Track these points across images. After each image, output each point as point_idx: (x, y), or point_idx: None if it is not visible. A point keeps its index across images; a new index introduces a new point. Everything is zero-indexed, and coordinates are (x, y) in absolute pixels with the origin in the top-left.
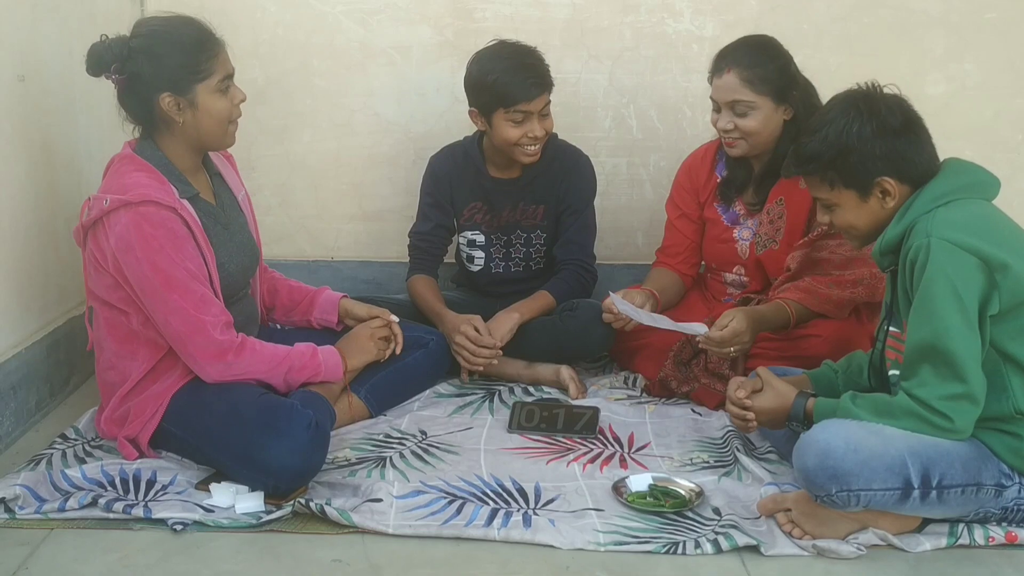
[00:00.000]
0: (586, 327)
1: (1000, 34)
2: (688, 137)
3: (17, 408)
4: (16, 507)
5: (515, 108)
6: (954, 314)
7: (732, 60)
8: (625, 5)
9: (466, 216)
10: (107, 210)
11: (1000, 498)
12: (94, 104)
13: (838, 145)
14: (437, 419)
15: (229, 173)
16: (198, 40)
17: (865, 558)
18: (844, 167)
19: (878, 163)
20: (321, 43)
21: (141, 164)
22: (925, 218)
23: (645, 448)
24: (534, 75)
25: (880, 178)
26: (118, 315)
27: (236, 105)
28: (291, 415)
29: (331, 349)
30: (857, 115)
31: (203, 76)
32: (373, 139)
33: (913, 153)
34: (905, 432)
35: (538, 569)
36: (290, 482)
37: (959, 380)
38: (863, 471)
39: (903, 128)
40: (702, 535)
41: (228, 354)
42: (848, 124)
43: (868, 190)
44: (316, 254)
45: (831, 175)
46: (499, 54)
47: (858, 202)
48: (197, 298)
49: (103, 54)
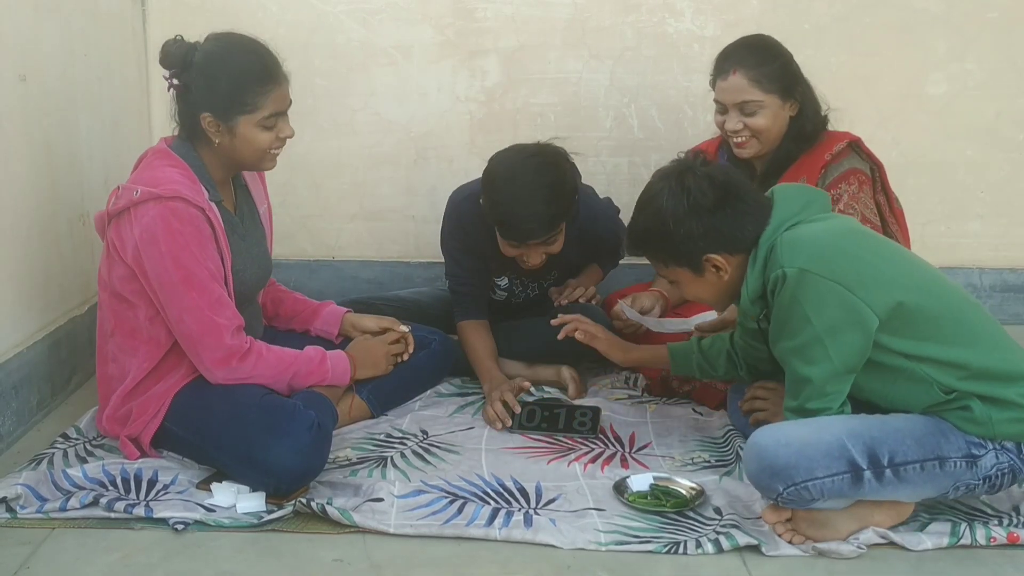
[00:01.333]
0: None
1: (1002, 33)
2: (689, 136)
3: (18, 407)
4: (17, 506)
5: (508, 242)
6: (802, 335)
7: (736, 61)
8: (626, 5)
9: (494, 269)
10: (136, 201)
11: (976, 468)
12: (95, 104)
13: (657, 227)
14: (438, 419)
15: (255, 185)
16: (255, 74)
17: (866, 557)
18: (669, 248)
19: (699, 242)
20: (322, 43)
21: (175, 160)
22: (774, 249)
23: (646, 448)
24: (529, 224)
25: (706, 256)
26: (126, 308)
27: (280, 139)
28: (293, 416)
29: (341, 355)
30: (671, 194)
31: (248, 110)
32: (374, 139)
33: (734, 227)
34: (845, 416)
35: (539, 569)
36: (292, 483)
37: (803, 388)
38: (800, 461)
39: (717, 204)
40: (703, 535)
41: (235, 359)
42: (662, 205)
43: (699, 267)
44: (317, 254)
45: (661, 255)
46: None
47: (694, 278)
48: (214, 299)
49: (171, 53)
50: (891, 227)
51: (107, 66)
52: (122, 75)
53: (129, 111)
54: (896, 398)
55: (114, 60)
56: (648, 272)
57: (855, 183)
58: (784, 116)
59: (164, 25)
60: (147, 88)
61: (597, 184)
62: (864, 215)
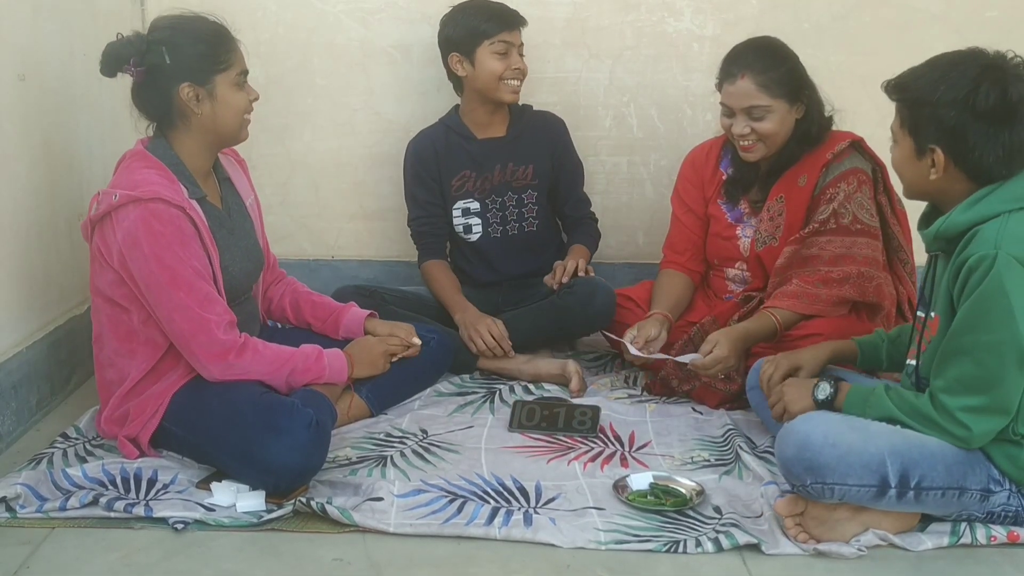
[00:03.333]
0: (586, 300)
1: (1002, 33)
2: (688, 136)
3: (18, 407)
4: (17, 506)
5: (498, 39)
6: (1003, 330)
7: (744, 65)
8: (625, 4)
9: (456, 186)
10: (116, 205)
11: (986, 503)
12: (94, 103)
13: (921, 91)
14: (438, 418)
15: (239, 178)
16: (216, 32)
17: (867, 557)
18: (915, 115)
19: (942, 133)
20: (322, 42)
21: (152, 162)
22: (995, 223)
23: (646, 447)
24: (509, 10)
25: (933, 146)
26: (119, 312)
27: (251, 101)
28: (292, 414)
29: (338, 353)
30: (959, 77)
31: (223, 67)
32: (374, 138)
33: (981, 142)
34: (891, 429)
35: (539, 568)
36: (291, 481)
37: (985, 392)
38: (839, 465)
39: (988, 114)
40: (703, 534)
41: (230, 354)
42: (944, 78)
43: (923, 150)
44: (317, 253)
45: (904, 112)
46: (470, 3)
47: (912, 154)
48: (202, 296)
49: (121, 50)
50: (893, 228)
51: None
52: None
53: (128, 111)
54: None
55: None
56: (648, 271)
57: (854, 182)
58: (791, 119)
59: None
60: None
61: (596, 183)
62: (856, 215)
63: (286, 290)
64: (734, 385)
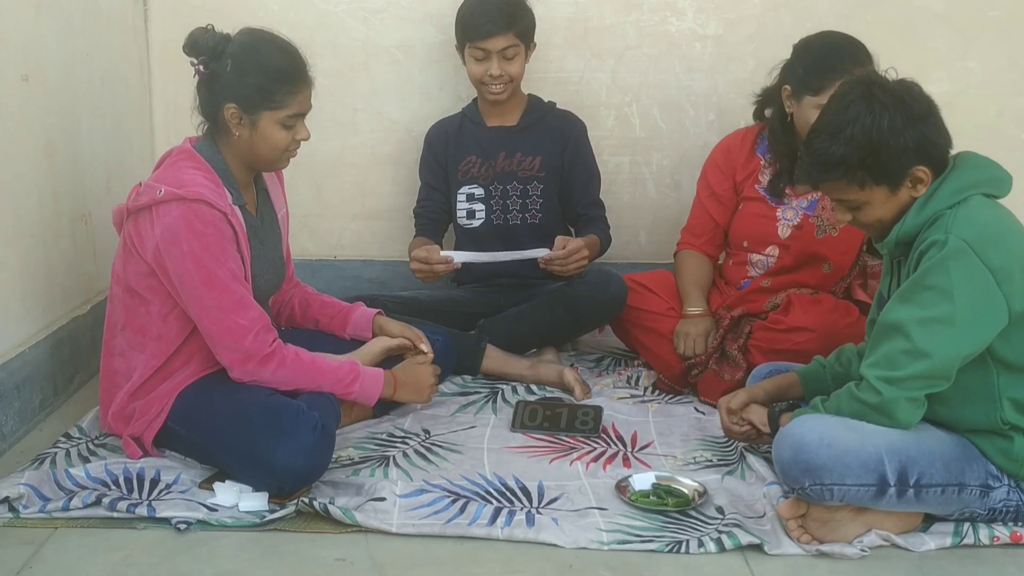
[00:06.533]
0: (599, 289)
1: (1004, 32)
2: (691, 135)
3: (21, 407)
4: (20, 506)
5: (474, 45)
6: (936, 308)
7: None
8: (628, 4)
9: (463, 171)
10: (159, 200)
11: (986, 499)
12: (97, 104)
13: (869, 143)
14: (440, 418)
15: (275, 190)
16: (283, 71)
17: (869, 557)
18: (876, 165)
19: (911, 155)
20: (324, 42)
21: (200, 163)
22: (949, 214)
23: (648, 447)
24: (495, 14)
25: (913, 168)
26: (139, 303)
27: (296, 141)
28: (297, 417)
29: (378, 376)
30: (882, 108)
31: (273, 107)
32: (376, 138)
33: (938, 136)
34: (886, 429)
35: (541, 568)
36: (295, 483)
37: (913, 362)
38: (836, 466)
39: (927, 112)
40: (705, 534)
41: (250, 363)
42: (876, 119)
43: (900, 183)
44: (319, 253)
45: (860, 175)
46: (466, 2)
47: (888, 196)
48: (235, 300)
49: (200, 41)
50: None
51: (109, 66)
52: (124, 75)
53: (131, 111)
54: (953, 410)
55: (116, 60)
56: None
57: None
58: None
59: (166, 25)
60: (149, 88)
61: None
62: None
63: (295, 291)
64: (739, 371)
